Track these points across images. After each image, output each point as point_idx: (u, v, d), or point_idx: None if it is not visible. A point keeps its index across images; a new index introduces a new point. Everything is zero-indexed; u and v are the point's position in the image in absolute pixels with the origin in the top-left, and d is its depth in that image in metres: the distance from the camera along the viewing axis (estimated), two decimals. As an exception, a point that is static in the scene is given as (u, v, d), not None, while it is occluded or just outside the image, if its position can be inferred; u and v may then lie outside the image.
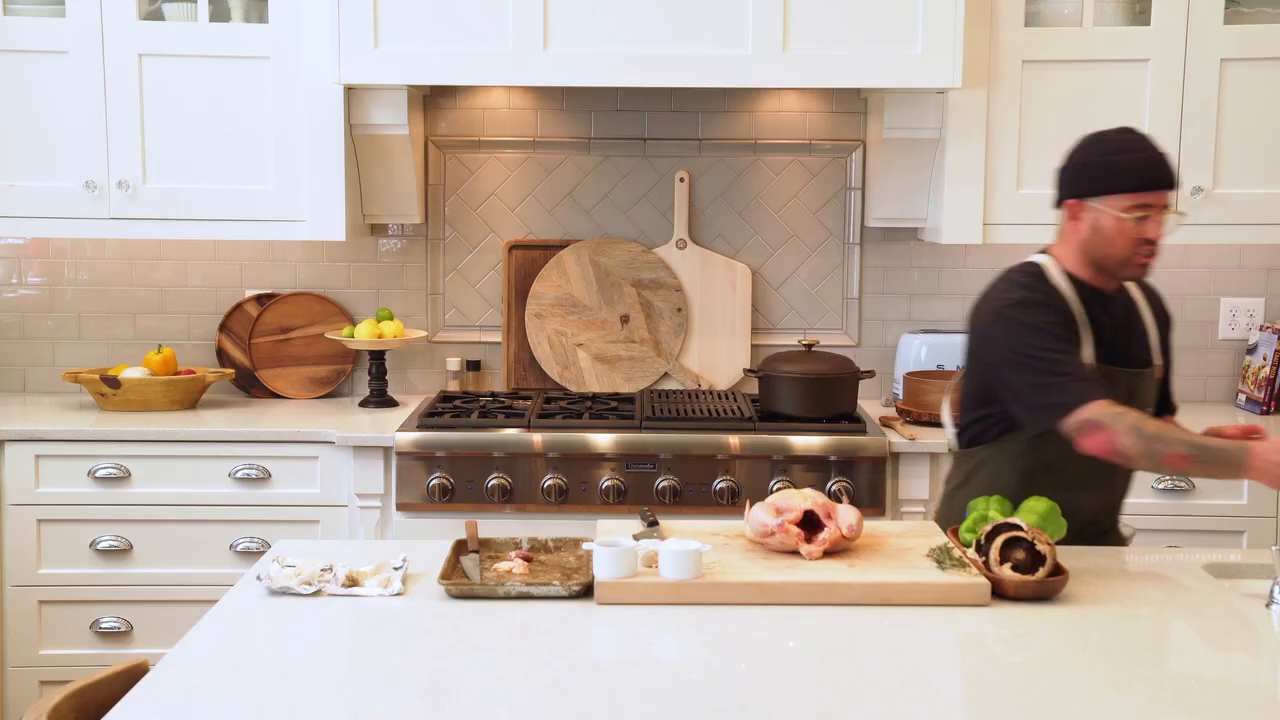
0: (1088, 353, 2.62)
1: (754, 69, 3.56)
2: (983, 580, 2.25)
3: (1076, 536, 2.58)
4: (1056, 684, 1.93)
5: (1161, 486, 3.62)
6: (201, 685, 1.90)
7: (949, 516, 2.78)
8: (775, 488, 3.52)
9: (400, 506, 3.56)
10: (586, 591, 2.26)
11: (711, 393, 4.04)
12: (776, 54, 3.54)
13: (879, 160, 3.98)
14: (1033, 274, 2.68)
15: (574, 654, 2.03)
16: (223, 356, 4.16)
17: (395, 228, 4.17)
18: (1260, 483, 2.42)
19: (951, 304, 4.19)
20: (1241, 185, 3.79)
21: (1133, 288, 2.77)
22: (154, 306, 4.19)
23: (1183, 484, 3.62)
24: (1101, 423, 2.44)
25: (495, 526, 3.43)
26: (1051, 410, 2.52)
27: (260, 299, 4.16)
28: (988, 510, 2.52)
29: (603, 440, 3.56)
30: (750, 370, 3.84)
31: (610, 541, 2.30)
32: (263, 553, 3.55)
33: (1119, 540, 2.80)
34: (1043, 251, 2.74)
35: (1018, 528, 2.30)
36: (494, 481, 3.53)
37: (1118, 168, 2.60)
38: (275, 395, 4.13)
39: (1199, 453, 2.40)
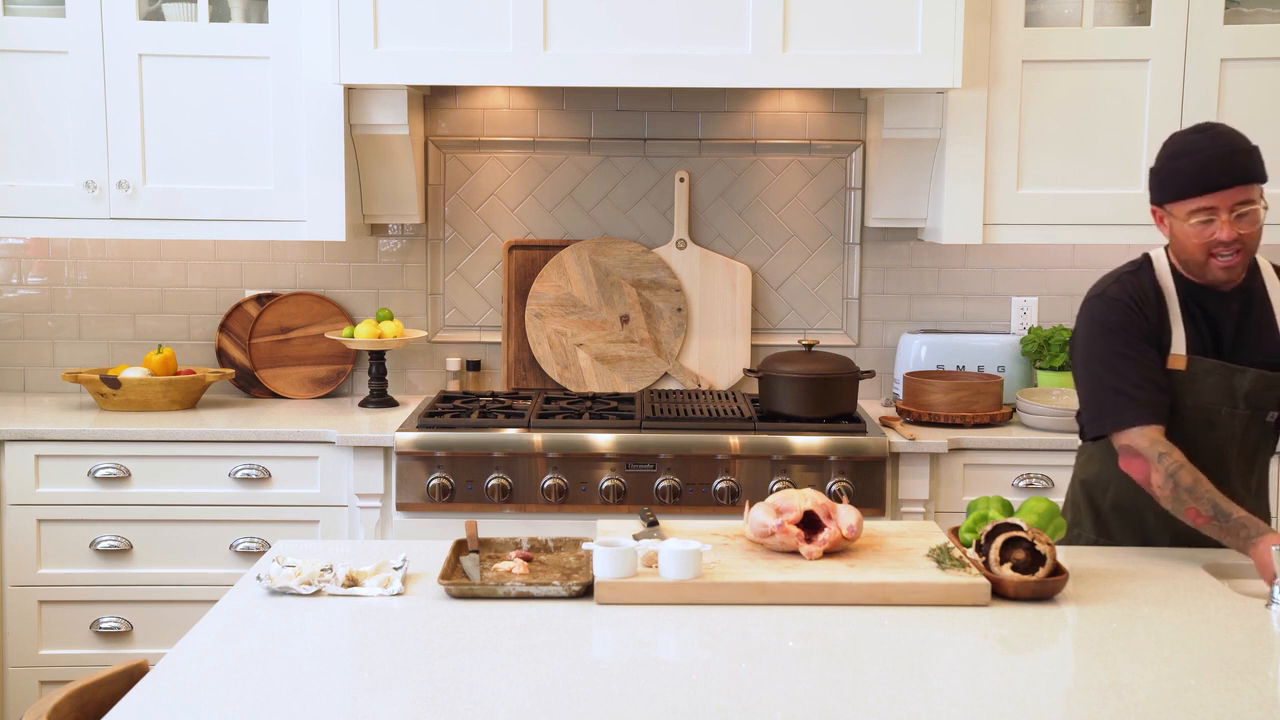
0: (1178, 345, 2.57)
1: (754, 69, 3.56)
2: (983, 580, 2.25)
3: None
4: (1056, 684, 1.93)
5: (1161, 486, 3.62)
6: (201, 685, 1.90)
7: (1067, 506, 2.81)
8: (775, 488, 3.52)
9: (400, 506, 3.56)
10: (586, 591, 2.26)
11: (711, 393, 4.04)
12: (776, 54, 3.54)
13: (879, 160, 3.98)
14: (1138, 264, 2.66)
15: (574, 654, 2.03)
16: (223, 356, 4.16)
17: (395, 228, 4.17)
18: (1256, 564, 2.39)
19: (951, 304, 4.19)
20: (1241, 185, 3.78)
21: (1272, 284, 2.65)
22: (154, 306, 4.19)
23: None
24: (1143, 454, 2.49)
25: (495, 526, 3.43)
26: (1101, 423, 2.57)
27: (260, 299, 4.16)
28: (988, 510, 2.52)
29: (603, 440, 3.56)
30: (750, 370, 3.84)
31: (610, 541, 2.30)
32: (263, 553, 3.55)
33: None
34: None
35: (1018, 528, 2.30)
36: (494, 481, 3.53)
37: (1176, 174, 2.55)
38: (275, 395, 4.13)
39: (1219, 519, 2.42)
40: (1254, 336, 2.62)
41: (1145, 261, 2.67)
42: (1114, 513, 2.73)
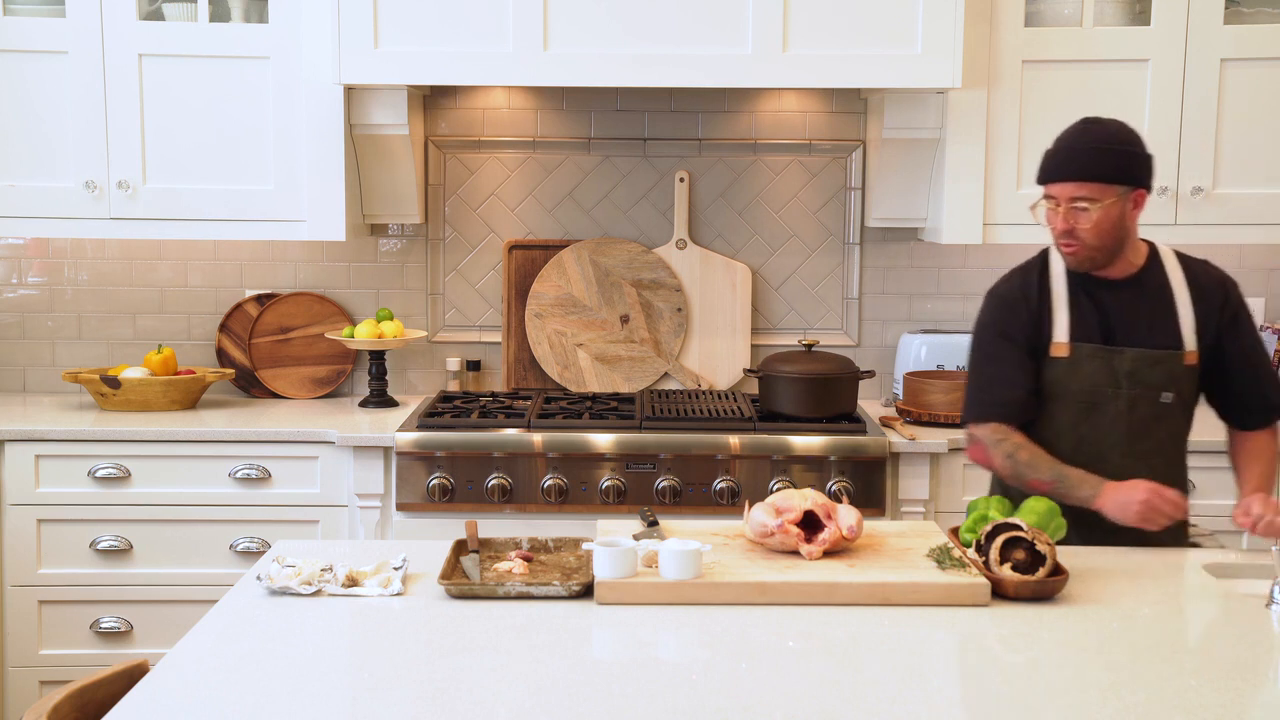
0: (1060, 334, 2.72)
1: (754, 69, 3.56)
2: (983, 580, 2.25)
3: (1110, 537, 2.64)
4: (1056, 684, 1.93)
5: (1161, 486, 3.62)
6: (201, 685, 1.90)
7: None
8: (775, 488, 3.52)
9: (400, 506, 3.56)
10: (586, 591, 2.26)
11: (711, 393, 4.04)
12: (776, 54, 3.54)
13: (879, 160, 3.98)
14: (1034, 258, 2.81)
15: (574, 654, 2.03)
16: (223, 356, 4.16)
17: (395, 228, 4.17)
18: (1109, 516, 2.57)
19: (951, 304, 4.19)
20: (1241, 185, 3.79)
21: (1175, 273, 2.76)
22: (154, 306, 4.19)
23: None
24: (984, 441, 2.75)
25: (495, 526, 3.43)
26: (964, 413, 2.83)
27: (260, 299, 4.16)
28: (988, 510, 2.52)
29: (603, 440, 3.56)
30: (750, 370, 3.83)
31: (610, 541, 2.30)
32: (263, 553, 3.55)
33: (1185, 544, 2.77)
34: None
35: (1018, 528, 2.30)
36: (494, 481, 3.53)
37: (1042, 159, 2.71)
38: (275, 395, 4.13)
39: (1060, 481, 2.62)
40: (1146, 325, 2.73)
41: (1041, 255, 2.82)
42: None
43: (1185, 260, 2.81)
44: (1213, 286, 2.77)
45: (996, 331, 2.76)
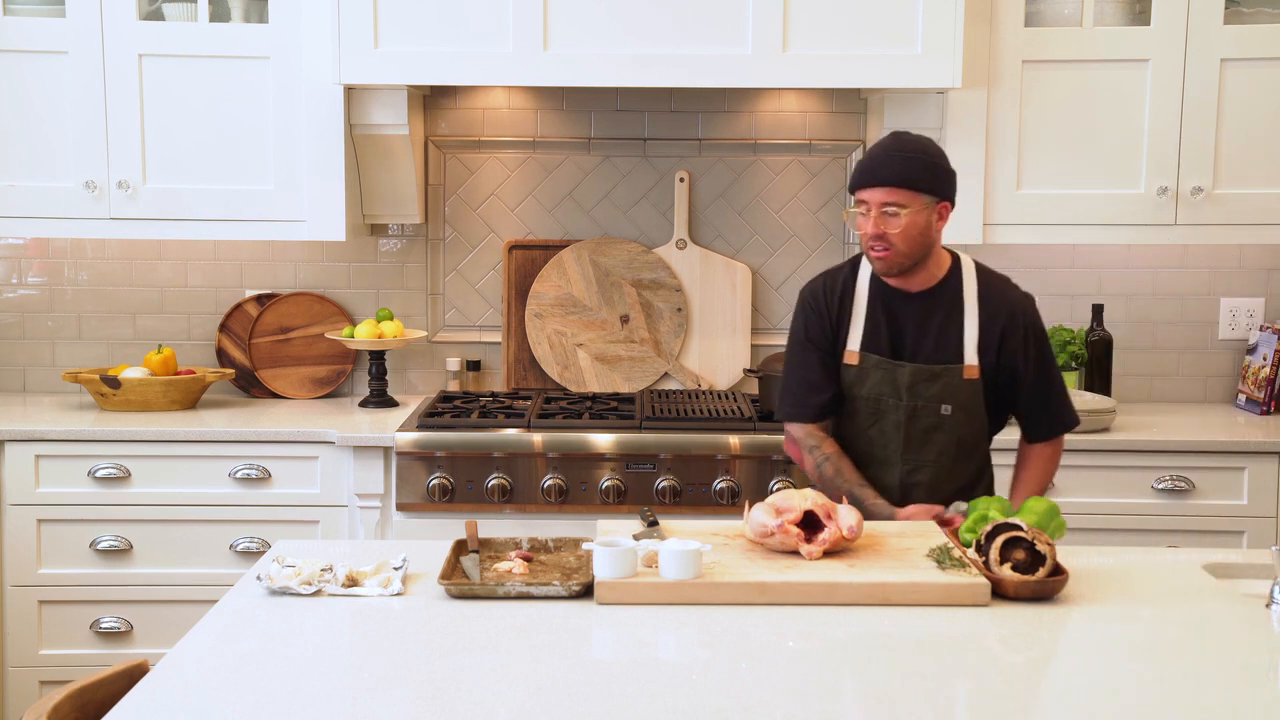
0: (853, 343, 2.86)
1: (754, 69, 3.56)
2: (983, 580, 2.25)
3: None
4: (1056, 684, 1.93)
5: (1161, 487, 3.62)
6: (201, 685, 1.90)
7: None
8: (775, 488, 3.52)
9: (400, 506, 3.56)
10: (586, 591, 2.26)
11: (711, 393, 4.04)
12: (776, 54, 3.54)
13: (879, 160, 3.98)
14: (845, 264, 2.95)
15: (574, 654, 2.03)
16: (223, 356, 4.16)
17: (395, 228, 4.17)
18: None
19: (951, 304, 4.18)
20: (1241, 185, 3.79)
21: (970, 288, 2.84)
22: (154, 306, 4.19)
23: (1182, 484, 3.62)
24: (800, 443, 2.92)
25: (495, 526, 3.43)
26: (778, 409, 3.01)
27: (260, 299, 4.16)
28: (988, 510, 2.52)
29: (603, 440, 3.56)
30: (750, 370, 3.83)
31: (610, 541, 2.30)
32: (263, 553, 3.55)
33: None
34: None
35: (1018, 528, 2.30)
36: (494, 481, 3.53)
37: (855, 169, 2.82)
38: (275, 395, 4.13)
39: (856, 504, 2.69)
40: (933, 339, 2.84)
41: (851, 262, 2.94)
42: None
43: (984, 277, 2.89)
44: (1002, 307, 2.86)
45: (804, 335, 2.92)
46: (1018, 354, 2.85)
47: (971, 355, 2.83)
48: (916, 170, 2.73)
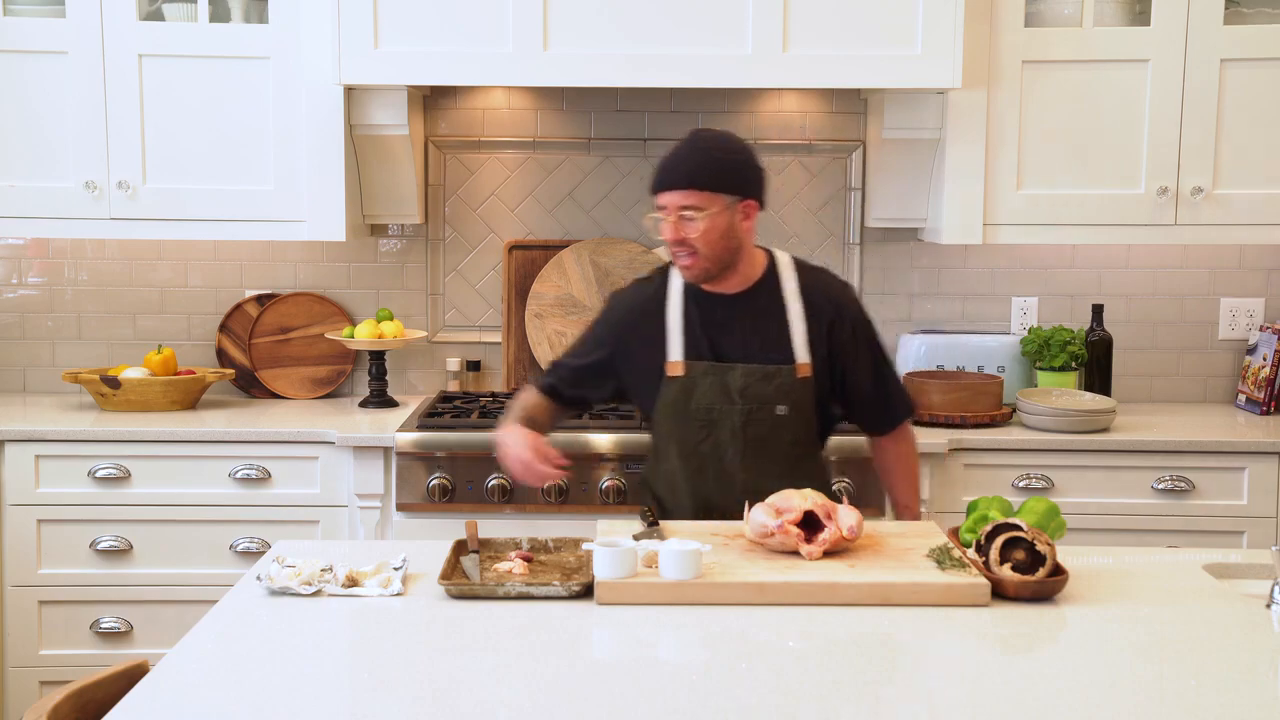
0: (675, 353, 2.75)
1: (754, 69, 3.56)
2: (983, 580, 2.25)
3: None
4: (1056, 684, 1.93)
5: (1161, 487, 3.62)
6: (201, 685, 1.90)
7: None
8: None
9: (400, 507, 3.56)
10: (586, 591, 2.26)
11: (711, 393, 4.03)
12: (776, 54, 3.54)
13: (879, 160, 3.98)
14: (655, 272, 2.87)
15: (574, 654, 2.03)
16: (223, 357, 4.16)
17: (395, 228, 4.17)
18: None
19: (951, 304, 4.18)
20: (1241, 185, 3.79)
21: (790, 285, 2.77)
22: (154, 306, 4.19)
23: (1182, 485, 3.62)
24: (522, 390, 2.95)
25: (495, 526, 3.42)
26: (535, 376, 3.00)
27: (260, 299, 4.16)
28: (988, 510, 2.52)
29: (603, 440, 3.56)
30: (750, 370, 3.82)
31: (610, 541, 2.30)
32: (263, 553, 3.55)
33: None
34: None
35: (1018, 528, 2.30)
36: (494, 481, 3.53)
37: (653, 171, 2.71)
38: (275, 395, 4.13)
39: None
40: (759, 340, 2.75)
41: (661, 270, 2.85)
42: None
43: (802, 271, 2.81)
44: (826, 300, 2.78)
45: (602, 322, 2.88)
46: (848, 345, 2.78)
47: (803, 353, 2.74)
48: (713, 170, 2.63)
